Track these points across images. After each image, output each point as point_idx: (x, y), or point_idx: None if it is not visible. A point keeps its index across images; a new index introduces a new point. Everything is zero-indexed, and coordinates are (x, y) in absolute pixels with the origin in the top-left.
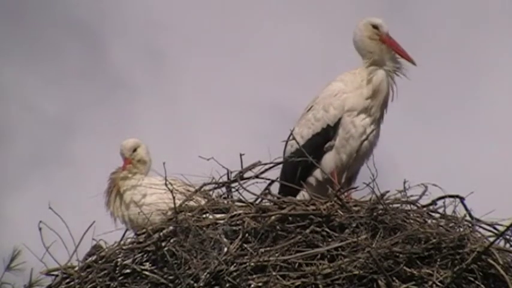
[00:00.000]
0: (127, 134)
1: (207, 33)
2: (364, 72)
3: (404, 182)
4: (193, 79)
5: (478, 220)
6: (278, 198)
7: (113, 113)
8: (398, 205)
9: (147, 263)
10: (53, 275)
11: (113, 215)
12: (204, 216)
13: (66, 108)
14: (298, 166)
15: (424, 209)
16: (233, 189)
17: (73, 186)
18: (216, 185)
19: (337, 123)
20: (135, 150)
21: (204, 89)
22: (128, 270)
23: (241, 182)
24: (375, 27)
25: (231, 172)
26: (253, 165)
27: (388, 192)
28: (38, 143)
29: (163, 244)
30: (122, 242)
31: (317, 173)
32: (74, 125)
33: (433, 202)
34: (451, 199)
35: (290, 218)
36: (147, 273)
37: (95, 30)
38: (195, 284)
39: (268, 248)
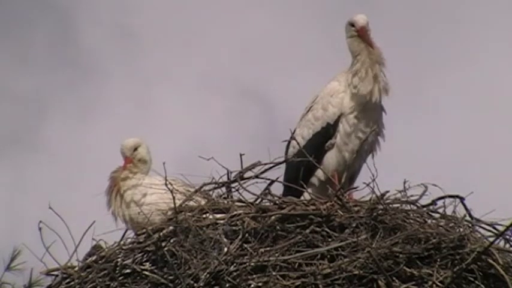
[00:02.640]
0: (98, 117)
1: (180, 15)
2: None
3: (404, 182)
4: (166, 61)
5: (478, 220)
6: (278, 198)
7: (84, 94)
8: (398, 205)
9: (147, 263)
10: (53, 275)
11: (114, 214)
12: (204, 216)
13: (37, 90)
14: (300, 167)
15: (424, 209)
16: (233, 189)
17: (43, 169)
18: (216, 185)
19: (337, 120)
20: (135, 149)
21: (177, 71)
22: (128, 270)
23: (241, 182)
24: (352, 25)
25: (231, 172)
26: (253, 165)
27: (388, 192)
28: (8, 124)
29: (163, 244)
30: (122, 242)
31: (319, 173)
32: (44, 106)
33: (433, 202)
34: (451, 199)
35: (290, 218)
36: (147, 273)
37: (66, 10)
38: (195, 284)
39: (268, 248)
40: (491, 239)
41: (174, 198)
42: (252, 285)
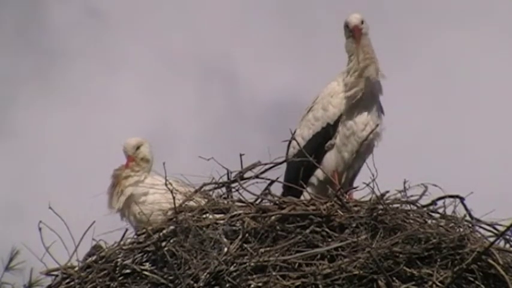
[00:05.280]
0: (65, 100)
1: None
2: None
3: (404, 182)
4: (132, 43)
5: (478, 220)
6: (278, 198)
7: (51, 78)
8: (398, 205)
9: (147, 263)
10: (53, 275)
11: (113, 209)
12: (204, 216)
13: (3, 73)
14: (300, 167)
15: (424, 209)
16: (233, 189)
17: (11, 154)
18: (216, 185)
19: (337, 121)
20: (138, 148)
21: (142, 53)
22: (127, 270)
23: (241, 182)
24: (346, 25)
25: (231, 172)
26: (253, 166)
27: (388, 192)
28: None
29: (163, 244)
30: (122, 242)
31: (318, 173)
32: (11, 90)
33: (433, 202)
34: (451, 199)
35: (290, 218)
36: (147, 273)
37: None
38: (195, 284)
39: (268, 248)
40: (491, 239)
41: (174, 198)
42: (252, 286)
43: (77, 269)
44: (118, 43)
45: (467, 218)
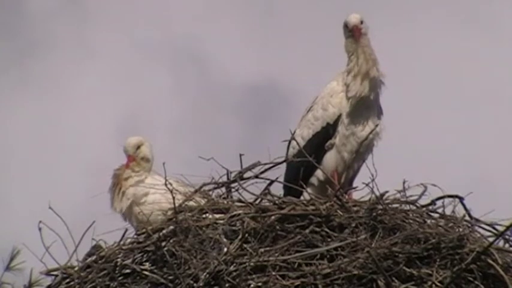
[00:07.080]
0: (43, 89)
1: None
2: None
3: (404, 182)
4: (110, 31)
5: (477, 220)
6: (278, 198)
7: (28, 66)
8: (397, 205)
9: (147, 263)
10: (53, 275)
11: (116, 211)
12: (203, 216)
13: None
14: (300, 167)
15: (424, 209)
16: (233, 190)
17: None
18: (216, 185)
19: (337, 121)
20: (138, 147)
21: (124, 43)
22: (127, 270)
23: (241, 182)
24: (345, 25)
25: (231, 172)
26: (253, 166)
27: (387, 192)
28: None
29: (163, 244)
30: (122, 242)
31: (318, 173)
32: None
33: (433, 202)
34: (451, 199)
35: (290, 218)
36: (146, 273)
37: None
38: (195, 284)
39: (267, 248)
40: (490, 239)
41: (174, 198)
42: (252, 285)
43: (76, 269)
44: (95, 31)
45: (467, 217)
